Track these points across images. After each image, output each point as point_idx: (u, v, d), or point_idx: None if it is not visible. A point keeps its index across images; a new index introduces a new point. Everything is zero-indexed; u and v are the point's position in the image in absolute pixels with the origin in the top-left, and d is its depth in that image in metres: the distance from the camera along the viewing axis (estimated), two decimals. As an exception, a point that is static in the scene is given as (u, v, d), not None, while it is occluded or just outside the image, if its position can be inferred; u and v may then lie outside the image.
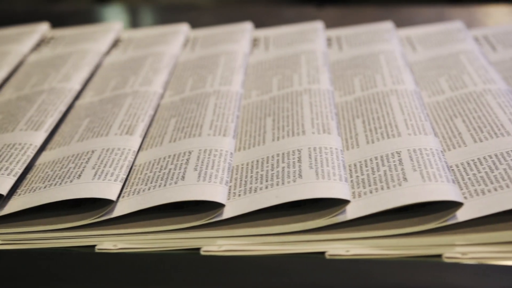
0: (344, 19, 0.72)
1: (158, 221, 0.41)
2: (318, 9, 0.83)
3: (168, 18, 0.75)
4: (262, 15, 0.82)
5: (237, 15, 0.79)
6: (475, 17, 0.80)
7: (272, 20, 0.74)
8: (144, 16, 0.89)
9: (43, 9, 0.87)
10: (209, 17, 0.78)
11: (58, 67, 0.61)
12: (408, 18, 0.74)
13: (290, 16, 0.81)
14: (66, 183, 0.43)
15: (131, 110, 0.52)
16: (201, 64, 0.61)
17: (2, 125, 0.51)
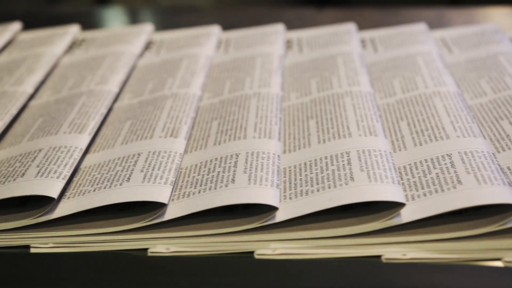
0: (344, 21, 0.72)
1: (210, 224, 0.40)
2: (318, 10, 0.83)
3: (168, 20, 0.75)
4: (262, 17, 0.82)
5: (238, 17, 0.79)
6: (474, 19, 0.80)
7: (273, 21, 0.74)
8: (144, 18, 0.89)
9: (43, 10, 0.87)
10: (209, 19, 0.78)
11: (94, 69, 0.61)
12: (407, 19, 0.74)
13: (290, 17, 0.81)
14: (116, 186, 0.43)
15: (173, 113, 0.52)
16: (236, 66, 0.61)
17: (45, 127, 0.51)
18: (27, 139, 0.50)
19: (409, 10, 0.84)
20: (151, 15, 0.91)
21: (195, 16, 0.83)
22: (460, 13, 0.82)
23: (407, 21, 0.73)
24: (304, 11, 0.86)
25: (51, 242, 0.41)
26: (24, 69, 0.61)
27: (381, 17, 0.78)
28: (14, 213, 0.42)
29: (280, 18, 0.79)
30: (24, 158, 0.46)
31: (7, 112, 0.53)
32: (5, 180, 0.44)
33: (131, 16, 0.89)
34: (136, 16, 0.90)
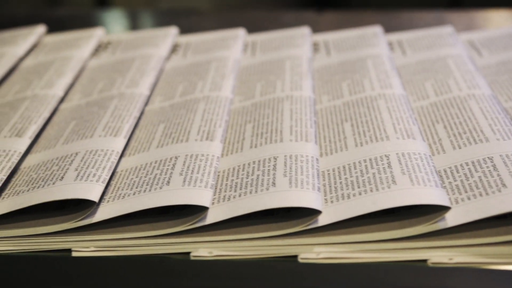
0: (343, 24, 0.72)
1: (252, 228, 0.40)
2: (318, 13, 0.83)
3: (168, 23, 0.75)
4: (262, 20, 0.82)
5: (237, 20, 0.80)
6: (474, 22, 0.80)
7: (272, 24, 0.74)
8: (144, 20, 0.89)
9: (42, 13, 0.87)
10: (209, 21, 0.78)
11: (123, 72, 0.61)
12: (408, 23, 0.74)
13: (290, 20, 0.81)
14: (156, 189, 0.42)
15: (207, 116, 0.51)
16: (265, 69, 0.61)
17: (79, 131, 0.50)
18: (62, 143, 0.49)
19: (409, 13, 0.84)
20: (151, 18, 0.91)
21: (194, 19, 0.83)
22: (460, 16, 0.82)
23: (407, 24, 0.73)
24: (304, 14, 0.86)
25: (93, 246, 0.41)
26: (53, 72, 0.61)
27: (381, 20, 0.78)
28: (53, 217, 0.42)
29: (280, 21, 0.79)
30: (61, 161, 0.46)
31: (40, 116, 0.53)
32: (44, 184, 0.43)
33: (131, 19, 0.89)
34: (136, 18, 0.90)
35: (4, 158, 0.46)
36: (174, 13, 0.90)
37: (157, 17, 0.90)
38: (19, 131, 0.50)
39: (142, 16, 0.92)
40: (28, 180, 0.45)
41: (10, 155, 0.47)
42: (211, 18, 0.85)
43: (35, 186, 0.43)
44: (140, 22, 0.88)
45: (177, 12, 0.90)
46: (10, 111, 0.54)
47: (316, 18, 0.82)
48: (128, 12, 0.91)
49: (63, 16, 0.85)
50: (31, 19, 0.77)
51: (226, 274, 0.39)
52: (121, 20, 0.88)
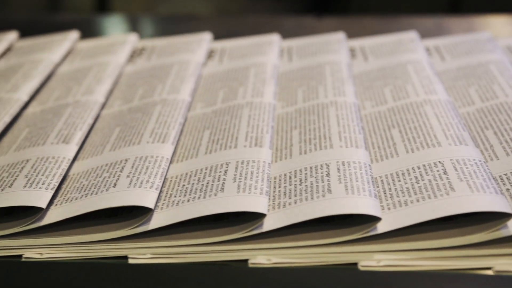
0: (343, 29, 0.72)
1: (309, 235, 0.40)
2: (318, 19, 0.84)
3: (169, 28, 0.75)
4: (262, 25, 0.82)
5: (237, 26, 0.80)
6: (474, 27, 0.80)
7: (272, 30, 0.74)
8: (145, 26, 0.89)
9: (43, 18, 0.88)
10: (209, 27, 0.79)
11: (163, 79, 0.60)
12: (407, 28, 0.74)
13: (290, 26, 0.81)
14: (210, 196, 0.42)
15: (253, 122, 0.51)
16: (305, 75, 0.61)
17: (125, 137, 0.50)
18: (109, 149, 0.49)
19: (408, 19, 0.84)
20: (151, 23, 0.91)
21: (195, 24, 0.83)
22: (459, 21, 0.82)
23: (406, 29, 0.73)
24: (304, 20, 0.86)
25: (149, 252, 0.40)
26: (92, 78, 0.61)
27: (380, 25, 0.79)
28: (107, 224, 0.42)
29: (280, 26, 0.79)
30: (112, 168, 0.46)
31: (84, 122, 0.52)
32: (97, 191, 0.43)
33: (131, 24, 0.89)
34: (136, 24, 0.90)
35: (54, 165, 0.46)
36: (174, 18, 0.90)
37: (157, 23, 0.90)
38: (66, 137, 0.50)
39: (143, 21, 0.92)
40: (79, 187, 0.45)
41: (60, 162, 0.47)
42: (211, 23, 0.86)
43: (88, 193, 0.43)
44: (140, 28, 0.88)
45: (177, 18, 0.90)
46: (53, 118, 0.54)
47: (316, 23, 0.82)
48: (128, 18, 0.91)
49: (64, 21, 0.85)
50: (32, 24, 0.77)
51: (286, 282, 0.38)
52: (121, 26, 0.88)
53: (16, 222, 0.41)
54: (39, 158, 0.47)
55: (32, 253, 0.41)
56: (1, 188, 0.44)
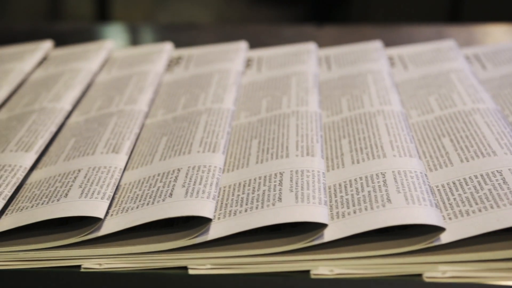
0: (343, 38, 0.72)
1: (371, 245, 0.40)
2: (318, 28, 0.84)
3: (169, 37, 0.76)
4: (262, 34, 0.82)
5: (237, 34, 0.80)
6: (474, 36, 0.80)
7: (272, 39, 0.74)
8: (145, 35, 0.89)
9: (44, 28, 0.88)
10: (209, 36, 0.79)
11: (205, 87, 0.60)
12: (407, 37, 0.74)
13: (290, 35, 0.81)
14: (268, 206, 0.42)
15: (301, 131, 0.51)
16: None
17: (174, 147, 0.50)
18: (158, 159, 0.49)
19: (408, 27, 0.84)
20: (151, 32, 0.91)
21: (195, 33, 0.83)
22: (459, 30, 0.82)
23: (406, 38, 0.73)
24: (304, 28, 0.86)
25: (209, 263, 0.40)
26: (133, 87, 0.61)
27: (381, 34, 0.79)
28: (166, 234, 0.41)
29: (280, 35, 0.79)
30: (165, 177, 0.46)
31: (131, 131, 0.52)
32: (154, 201, 0.43)
33: (132, 33, 0.89)
34: (136, 33, 0.90)
35: (107, 175, 0.46)
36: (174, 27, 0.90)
37: (158, 31, 0.91)
38: (115, 147, 0.50)
39: (143, 30, 0.92)
40: (134, 197, 0.44)
41: (112, 171, 0.46)
42: (211, 32, 0.86)
43: (144, 203, 0.43)
44: (140, 37, 0.88)
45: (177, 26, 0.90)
46: (99, 127, 0.54)
47: (316, 32, 0.82)
48: (129, 26, 0.91)
49: (65, 30, 0.86)
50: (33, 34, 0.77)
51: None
52: (121, 35, 0.89)
53: (73, 232, 0.41)
54: (90, 168, 0.47)
55: (91, 264, 0.41)
56: (57, 198, 0.43)
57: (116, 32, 0.89)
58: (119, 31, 0.90)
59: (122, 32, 0.90)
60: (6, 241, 0.42)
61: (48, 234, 0.42)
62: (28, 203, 0.44)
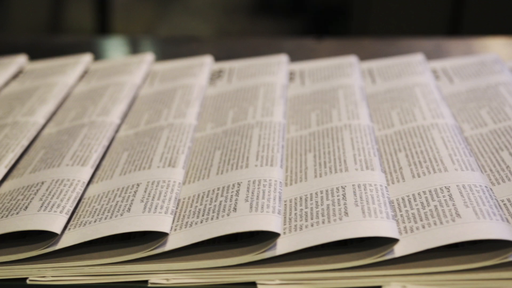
0: (342, 52, 0.72)
1: (441, 261, 0.39)
2: (318, 41, 0.84)
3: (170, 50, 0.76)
4: (262, 47, 0.83)
5: (238, 47, 0.80)
6: (472, 49, 0.80)
7: (272, 51, 0.75)
8: (145, 48, 0.90)
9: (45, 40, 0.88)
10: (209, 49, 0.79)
11: (252, 100, 0.60)
12: (406, 50, 0.74)
13: (290, 47, 0.81)
14: (336, 221, 0.42)
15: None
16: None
17: (230, 160, 0.50)
18: (215, 173, 0.49)
19: (407, 40, 0.85)
20: (151, 45, 0.92)
21: (195, 46, 0.84)
22: (458, 43, 0.83)
23: (405, 51, 0.73)
24: (304, 42, 0.86)
25: (278, 278, 0.40)
26: (179, 101, 0.61)
27: (380, 47, 0.79)
28: (232, 248, 0.41)
29: (280, 48, 0.80)
30: (226, 192, 0.45)
31: (185, 145, 0.52)
32: (218, 215, 0.43)
33: (132, 46, 0.90)
34: (137, 46, 0.90)
35: (167, 189, 0.46)
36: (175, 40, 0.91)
37: (158, 44, 0.91)
38: (171, 160, 0.49)
39: (143, 43, 0.92)
40: (195, 212, 0.44)
41: (172, 185, 0.46)
42: (212, 45, 0.86)
43: (207, 218, 0.43)
44: (140, 50, 0.89)
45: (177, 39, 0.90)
46: (151, 141, 0.53)
47: (315, 45, 0.83)
48: (129, 39, 0.91)
49: (66, 43, 0.86)
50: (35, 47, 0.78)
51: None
52: (121, 48, 0.89)
53: (139, 247, 0.41)
54: (149, 182, 0.47)
55: (158, 279, 0.41)
56: (120, 213, 0.43)
57: (116, 45, 0.90)
58: (120, 44, 0.91)
59: (123, 45, 0.90)
60: (69, 256, 0.42)
61: (112, 249, 0.42)
62: (90, 218, 0.43)
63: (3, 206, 0.44)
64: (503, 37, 0.85)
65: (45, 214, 0.42)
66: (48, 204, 0.43)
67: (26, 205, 0.44)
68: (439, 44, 0.82)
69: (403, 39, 0.85)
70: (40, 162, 0.50)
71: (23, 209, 0.43)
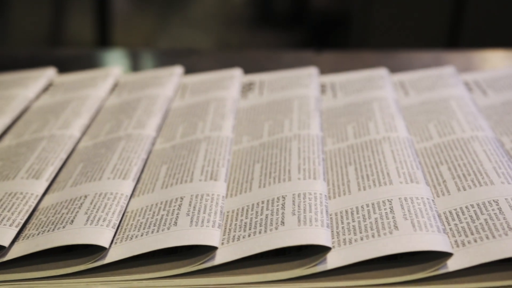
0: (342, 64, 0.73)
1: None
2: (317, 53, 0.84)
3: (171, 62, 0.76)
4: (262, 60, 0.83)
5: (237, 60, 0.80)
6: (471, 62, 0.81)
7: (272, 64, 0.75)
8: (145, 61, 0.90)
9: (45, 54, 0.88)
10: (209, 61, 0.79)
11: (286, 113, 0.60)
12: (406, 62, 0.75)
13: (289, 60, 0.81)
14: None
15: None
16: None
17: (271, 173, 0.49)
18: (257, 186, 0.48)
19: (406, 53, 0.85)
20: (152, 58, 0.92)
21: (195, 59, 0.84)
22: (457, 56, 0.83)
23: (405, 63, 0.73)
24: (303, 54, 0.87)
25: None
26: (214, 114, 0.60)
27: (379, 60, 0.79)
28: (288, 262, 0.41)
29: (279, 60, 0.80)
30: (271, 205, 0.45)
31: (224, 158, 0.52)
32: (266, 229, 0.43)
33: (133, 59, 0.90)
34: (137, 59, 0.91)
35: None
36: (175, 52, 0.91)
37: (157, 57, 0.91)
38: (212, 174, 0.49)
39: (143, 56, 0.93)
40: (242, 225, 0.44)
41: (216, 198, 0.46)
42: (211, 57, 0.86)
43: (260, 231, 0.43)
44: (141, 63, 0.89)
45: (177, 52, 0.91)
46: (190, 154, 0.53)
47: (315, 58, 0.83)
48: (129, 52, 0.92)
49: (66, 56, 0.86)
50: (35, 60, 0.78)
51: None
52: (122, 60, 0.89)
53: (190, 261, 0.41)
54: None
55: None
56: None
57: (117, 58, 0.90)
58: (120, 57, 0.91)
59: (123, 57, 0.90)
60: (117, 270, 0.41)
61: (160, 263, 0.42)
62: (137, 232, 0.43)
63: (48, 219, 0.44)
64: (502, 49, 0.85)
65: (91, 228, 0.42)
66: (94, 217, 0.43)
67: (72, 219, 0.43)
68: (438, 56, 0.82)
69: (402, 51, 0.86)
70: (80, 176, 0.50)
71: (69, 223, 0.43)
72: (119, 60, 0.89)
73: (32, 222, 0.45)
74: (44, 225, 0.44)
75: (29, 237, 0.43)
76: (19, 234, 0.44)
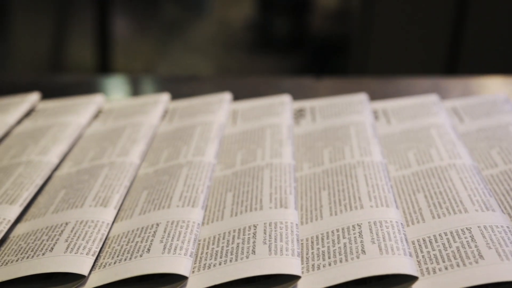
0: (341, 90, 0.73)
1: None
2: (317, 80, 0.85)
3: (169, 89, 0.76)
4: (262, 86, 0.83)
5: (238, 86, 0.81)
6: (470, 88, 0.81)
7: (272, 90, 0.75)
8: (146, 87, 0.90)
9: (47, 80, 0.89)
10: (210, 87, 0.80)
11: (346, 140, 0.59)
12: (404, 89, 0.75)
13: (289, 86, 0.82)
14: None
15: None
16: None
17: (337, 201, 0.49)
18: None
19: (405, 80, 0.85)
20: (152, 84, 0.92)
21: (196, 84, 0.84)
22: (455, 82, 0.83)
23: (404, 90, 0.74)
24: (303, 81, 0.87)
25: None
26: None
27: (379, 87, 0.80)
28: None
29: (279, 87, 0.80)
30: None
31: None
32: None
33: (133, 85, 0.90)
34: (138, 85, 0.91)
35: None
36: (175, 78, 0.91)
37: (158, 84, 0.92)
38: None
39: (144, 82, 0.93)
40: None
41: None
42: (211, 83, 0.87)
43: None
44: (142, 89, 0.89)
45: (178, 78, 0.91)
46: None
47: (314, 84, 0.83)
48: (129, 79, 0.92)
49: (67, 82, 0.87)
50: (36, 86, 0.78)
51: None
52: (122, 86, 0.89)
53: None
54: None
55: None
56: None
57: (117, 84, 0.90)
58: (121, 83, 0.91)
59: (124, 84, 0.91)
60: None
61: None
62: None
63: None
64: (500, 76, 0.85)
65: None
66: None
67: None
68: (437, 83, 0.83)
69: (401, 78, 0.86)
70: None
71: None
72: (120, 86, 0.89)
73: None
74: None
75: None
76: None
